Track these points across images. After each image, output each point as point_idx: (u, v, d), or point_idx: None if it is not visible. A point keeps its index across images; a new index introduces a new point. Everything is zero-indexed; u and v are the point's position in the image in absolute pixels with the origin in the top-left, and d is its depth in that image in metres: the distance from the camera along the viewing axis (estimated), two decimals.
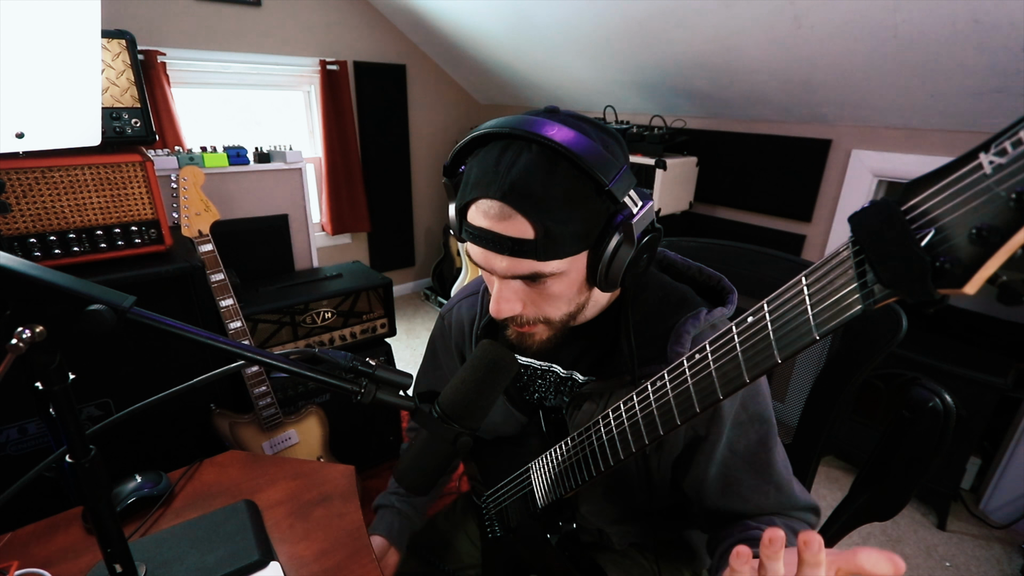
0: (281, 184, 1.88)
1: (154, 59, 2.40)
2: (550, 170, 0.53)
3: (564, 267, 0.57)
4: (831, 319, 0.37)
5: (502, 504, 0.82)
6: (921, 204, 0.32)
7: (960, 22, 1.37)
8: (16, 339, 0.42)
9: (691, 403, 0.49)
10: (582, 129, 0.56)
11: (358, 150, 3.25)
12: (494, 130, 0.56)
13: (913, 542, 1.80)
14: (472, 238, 0.59)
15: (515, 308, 0.61)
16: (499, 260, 0.57)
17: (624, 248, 0.56)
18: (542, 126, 0.54)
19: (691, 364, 0.48)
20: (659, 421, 0.52)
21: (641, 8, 1.95)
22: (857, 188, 2.07)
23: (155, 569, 0.72)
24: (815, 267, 0.38)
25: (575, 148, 0.52)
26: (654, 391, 0.53)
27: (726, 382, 0.45)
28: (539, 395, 0.78)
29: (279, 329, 1.68)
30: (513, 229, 0.55)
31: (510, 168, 0.54)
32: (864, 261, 0.35)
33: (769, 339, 0.41)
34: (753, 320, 0.42)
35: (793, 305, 0.39)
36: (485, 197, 0.55)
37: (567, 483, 0.67)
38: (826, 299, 0.37)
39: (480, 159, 0.57)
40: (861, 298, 0.35)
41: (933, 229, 0.31)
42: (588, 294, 0.63)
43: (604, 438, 0.60)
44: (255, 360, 0.50)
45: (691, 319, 0.64)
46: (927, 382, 0.69)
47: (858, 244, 0.35)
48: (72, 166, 1.18)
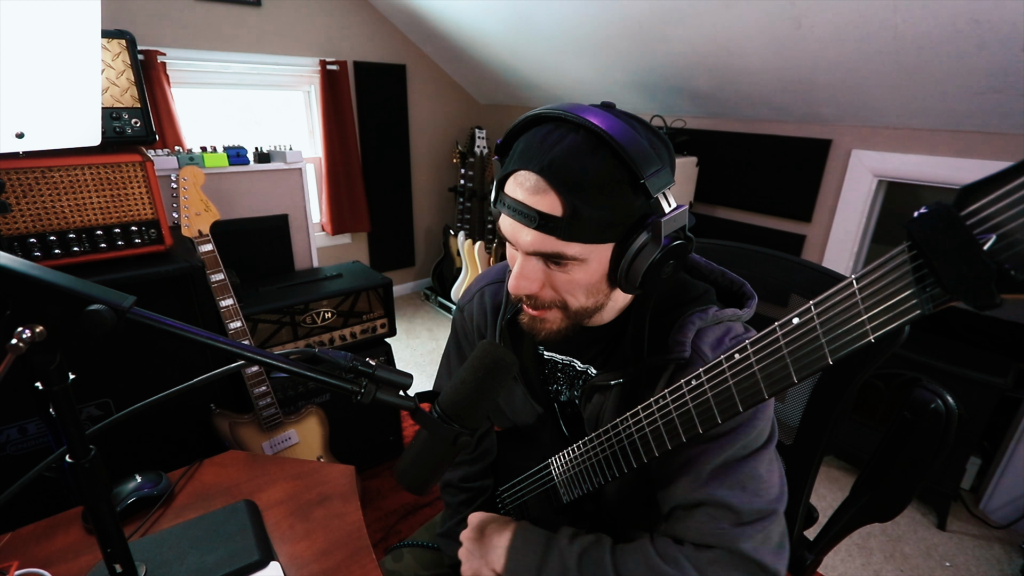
0: (281, 184, 1.88)
1: (154, 59, 2.40)
2: (591, 153, 0.54)
3: (586, 253, 0.58)
4: (887, 322, 0.38)
5: (520, 499, 0.83)
6: (981, 210, 0.32)
7: (960, 22, 1.37)
8: (16, 339, 0.42)
9: (733, 402, 0.50)
10: (631, 125, 0.57)
11: (358, 150, 3.25)
12: (548, 112, 0.58)
13: (913, 542, 1.80)
14: (505, 208, 0.60)
15: (532, 287, 0.61)
16: (525, 233, 0.58)
17: (649, 247, 0.56)
18: (592, 114, 0.55)
19: (731, 364, 0.49)
20: (697, 420, 0.54)
21: (641, 8, 1.95)
22: (857, 188, 2.07)
23: (155, 569, 0.72)
24: (867, 271, 0.38)
25: (618, 137, 0.53)
26: (690, 390, 0.54)
27: (772, 382, 0.46)
28: (557, 387, 0.78)
29: (279, 329, 1.68)
30: (544, 203, 0.56)
31: (554, 146, 0.55)
32: (923, 266, 0.35)
33: (819, 340, 0.42)
34: (800, 322, 0.43)
35: (845, 308, 0.40)
36: (525, 169, 0.57)
37: (595, 478, 0.68)
38: (881, 302, 0.38)
39: (529, 136, 0.59)
40: (920, 303, 0.36)
41: (995, 235, 0.31)
42: (609, 293, 0.64)
43: (636, 436, 0.60)
44: (255, 360, 0.50)
45: (698, 312, 0.64)
46: (929, 383, 0.69)
47: (916, 249, 0.35)
48: (72, 166, 1.18)
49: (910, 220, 0.35)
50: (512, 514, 0.85)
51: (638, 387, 0.66)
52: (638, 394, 0.65)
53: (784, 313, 0.44)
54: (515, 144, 0.61)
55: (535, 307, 0.65)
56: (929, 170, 1.87)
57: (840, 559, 1.72)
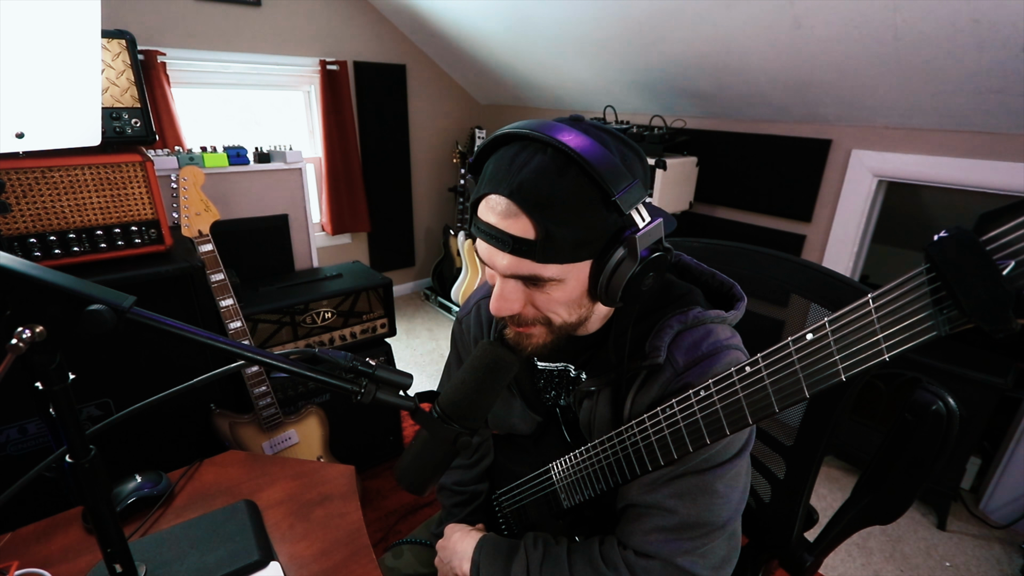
0: (281, 184, 1.88)
1: (154, 59, 2.40)
2: (560, 174, 0.54)
3: (563, 274, 0.57)
4: (903, 342, 0.39)
5: (519, 503, 0.83)
6: (1002, 236, 0.33)
7: (960, 22, 1.37)
8: (16, 339, 0.42)
9: (743, 415, 0.50)
10: (601, 139, 0.57)
11: (358, 150, 3.25)
12: (515, 131, 0.57)
13: (913, 542, 1.80)
14: (479, 232, 0.59)
15: (513, 307, 0.61)
16: (501, 257, 0.58)
17: (627, 263, 0.56)
18: (560, 131, 0.55)
19: (741, 377, 0.49)
20: (705, 431, 0.54)
21: (641, 8, 1.95)
22: (857, 188, 2.07)
23: (155, 569, 0.72)
24: (883, 291, 0.39)
25: (587, 155, 0.53)
26: (698, 401, 0.54)
27: (783, 396, 0.47)
28: (555, 393, 0.79)
29: (279, 329, 1.67)
30: (516, 227, 0.55)
31: (522, 168, 0.55)
32: (941, 288, 0.36)
33: (833, 356, 0.42)
34: (814, 338, 0.44)
35: (860, 326, 0.41)
36: (495, 193, 0.56)
37: (597, 485, 0.68)
38: (898, 322, 0.39)
39: (498, 157, 0.58)
40: (936, 324, 0.37)
41: (1014, 262, 0.32)
42: (591, 307, 0.64)
43: (641, 444, 0.60)
44: (255, 360, 0.50)
45: (678, 315, 0.64)
46: (929, 384, 0.69)
47: (935, 271, 0.36)
48: (72, 166, 1.18)
49: (930, 243, 0.36)
50: (511, 518, 0.85)
51: (620, 392, 0.66)
52: (623, 398, 0.66)
53: (784, 313, 0.44)
54: (486, 165, 0.60)
55: (519, 324, 0.64)
56: (929, 170, 1.87)
57: (840, 559, 1.72)
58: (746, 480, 0.66)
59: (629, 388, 0.65)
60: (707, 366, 0.61)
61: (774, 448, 0.89)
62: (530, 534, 0.74)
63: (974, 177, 1.75)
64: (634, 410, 0.65)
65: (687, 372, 0.62)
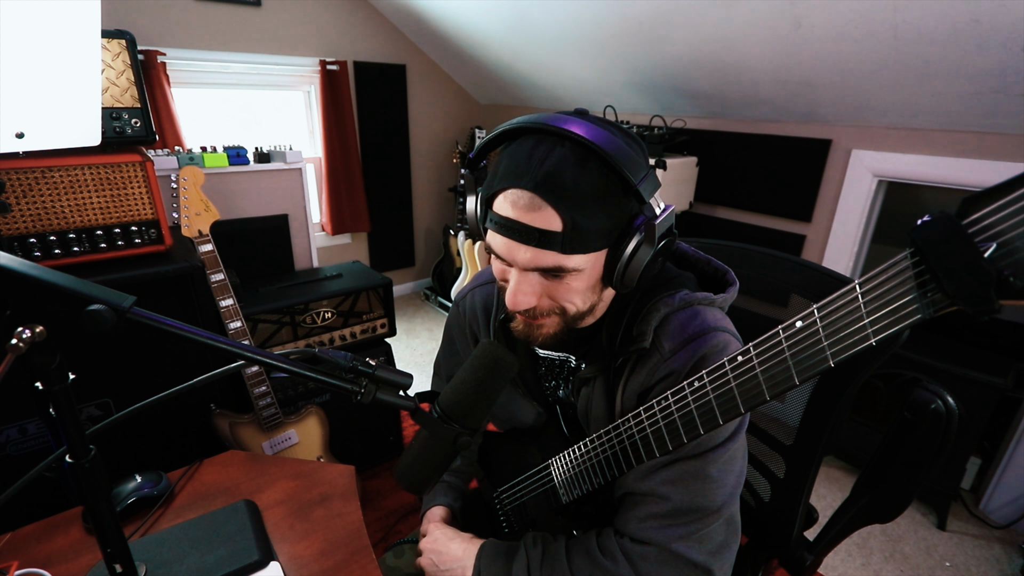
0: (281, 184, 1.88)
1: (154, 59, 2.40)
2: (581, 165, 0.54)
3: (585, 263, 0.58)
4: (889, 326, 0.39)
5: (519, 500, 0.83)
6: (983, 219, 0.33)
7: (960, 22, 1.37)
8: (16, 339, 0.42)
9: (735, 404, 0.50)
10: (611, 131, 0.57)
11: (358, 150, 3.25)
12: (527, 124, 0.57)
13: (913, 542, 1.80)
14: (497, 227, 0.59)
15: (531, 301, 0.61)
16: (522, 251, 0.58)
17: (644, 249, 0.57)
18: (572, 124, 0.55)
19: (733, 367, 0.50)
20: (699, 421, 0.54)
21: (641, 8, 1.95)
22: (857, 188, 2.07)
23: (155, 569, 0.72)
24: (869, 277, 0.39)
25: (606, 147, 0.54)
26: (692, 391, 0.54)
27: (773, 384, 0.47)
28: (555, 383, 0.79)
29: (279, 329, 1.68)
30: (541, 220, 0.56)
31: (543, 161, 0.55)
32: (924, 272, 0.36)
33: (822, 343, 0.43)
34: (803, 325, 0.44)
35: (847, 312, 0.41)
36: (516, 187, 0.56)
37: (595, 479, 0.68)
38: (883, 307, 0.39)
39: (511, 151, 0.58)
40: (921, 307, 0.37)
41: (995, 244, 0.33)
42: (602, 294, 0.64)
43: (637, 436, 0.61)
44: (255, 360, 0.50)
45: (665, 298, 0.64)
46: (929, 383, 0.69)
47: (918, 255, 0.36)
48: (72, 166, 1.18)
49: (913, 228, 0.36)
50: (511, 515, 0.86)
51: (611, 377, 0.67)
52: (616, 385, 0.66)
53: (784, 313, 0.44)
54: (496, 159, 0.60)
55: (532, 316, 0.65)
56: (929, 170, 1.87)
57: (840, 559, 1.72)
58: (742, 464, 0.66)
59: (620, 374, 0.66)
60: (693, 349, 0.61)
61: (774, 447, 0.89)
62: (529, 534, 0.74)
63: (974, 177, 1.75)
64: (626, 396, 0.66)
65: (672, 358, 0.62)
